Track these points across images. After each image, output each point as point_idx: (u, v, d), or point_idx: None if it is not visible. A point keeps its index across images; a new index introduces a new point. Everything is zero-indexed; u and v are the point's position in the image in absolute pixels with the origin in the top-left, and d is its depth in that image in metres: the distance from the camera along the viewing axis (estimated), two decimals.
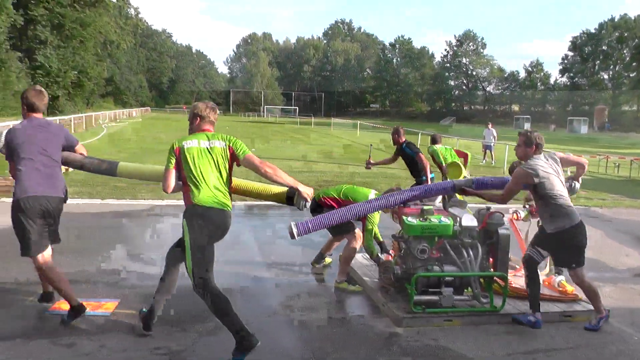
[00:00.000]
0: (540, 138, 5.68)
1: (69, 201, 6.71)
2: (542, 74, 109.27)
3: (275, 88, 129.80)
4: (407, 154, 10.02)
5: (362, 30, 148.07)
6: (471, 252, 5.86)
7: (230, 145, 5.04)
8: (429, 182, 9.45)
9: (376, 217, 6.71)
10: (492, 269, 6.02)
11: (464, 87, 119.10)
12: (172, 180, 4.93)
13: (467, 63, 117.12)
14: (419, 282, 5.73)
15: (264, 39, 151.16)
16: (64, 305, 5.62)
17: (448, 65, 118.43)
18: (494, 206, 6.21)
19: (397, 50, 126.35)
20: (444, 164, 10.60)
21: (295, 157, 24.31)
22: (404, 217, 5.90)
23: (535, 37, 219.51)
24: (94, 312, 5.67)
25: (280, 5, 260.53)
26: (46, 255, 5.35)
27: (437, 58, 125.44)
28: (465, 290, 5.97)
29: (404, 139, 10.11)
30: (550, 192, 5.50)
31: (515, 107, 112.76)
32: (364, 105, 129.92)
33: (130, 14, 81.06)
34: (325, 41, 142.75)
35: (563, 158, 5.91)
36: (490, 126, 26.77)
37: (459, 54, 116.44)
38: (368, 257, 7.11)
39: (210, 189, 4.81)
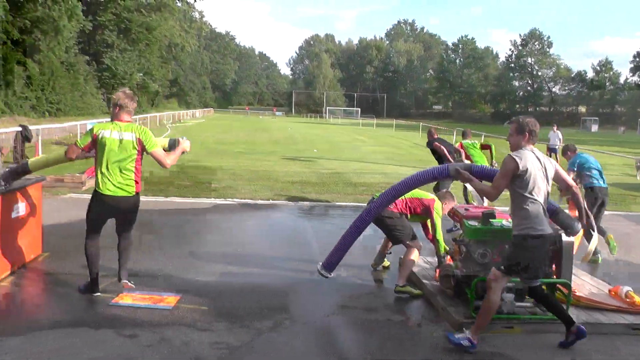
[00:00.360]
0: (534, 124, 5.10)
1: None
2: (611, 73, 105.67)
3: (337, 89, 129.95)
4: (430, 148, 11.09)
5: (425, 31, 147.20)
6: None
7: (140, 137, 5.68)
8: None
9: (440, 209, 6.71)
10: (554, 276, 5.88)
11: (529, 88, 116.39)
12: (73, 152, 5.91)
13: (532, 63, 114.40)
14: (479, 286, 5.63)
15: (326, 40, 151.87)
16: (126, 298, 5.93)
17: (512, 65, 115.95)
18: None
19: (460, 51, 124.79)
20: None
21: (359, 158, 24.26)
22: (465, 220, 5.83)
23: (606, 34, 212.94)
24: (155, 306, 5.85)
25: (344, 6, 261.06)
26: None
27: (502, 58, 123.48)
28: (527, 296, 5.83)
29: (436, 136, 10.91)
30: (525, 192, 4.92)
31: (582, 109, 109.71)
32: (426, 106, 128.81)
33: (195, 18, 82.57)
34: (387, 42, 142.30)
35: (556, 170, 5.34)
36: (555, 128, 26.06)
37: (524, 53, 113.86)
38: (427, 260, 7.06)
39: (113, 180, 5.70)
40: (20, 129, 8.17)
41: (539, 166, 4.99)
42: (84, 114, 44.91)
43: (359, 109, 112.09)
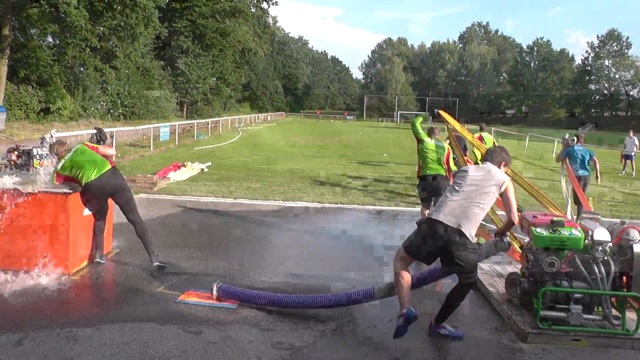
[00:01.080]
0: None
1: (203, 199, 7.00)
2: None
3: (409, 93, 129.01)
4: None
5: (499, 33, 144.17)
6: (603, 269, 5.55)
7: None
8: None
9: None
10: (625, 289, 5.67)
11: (606, 91, 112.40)
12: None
13: (609, 65, 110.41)
14: (546, 296, 5.53)
15: (399, 44, 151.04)
16: (192, 297, 6.11)
17: (589, 68, 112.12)
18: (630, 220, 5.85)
19: (535, 54, 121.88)
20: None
21: None
22: (533, 228, 5.70)
23: None
24: (221, 305, 5.98)
25: (417, 10, 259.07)
26: None
27: (577, 61, 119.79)
28: (596, 309, 5.67)
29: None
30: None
31: None
32: (499, 110, 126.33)
33: (268, 23, 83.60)
34: (460, 45, 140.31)
35: (504, 194, 5.42)
36: (632, 134, 25.08)
37: (601, 55, 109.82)
38: (494, 268, 6.92)
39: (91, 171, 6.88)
40: (94, 131, 8.45)
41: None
42: (158, 118, 46.22)
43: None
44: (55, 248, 6.70)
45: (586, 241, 5.58)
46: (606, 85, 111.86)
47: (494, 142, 13.75)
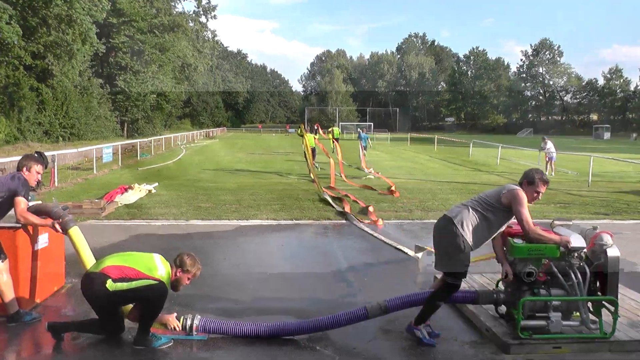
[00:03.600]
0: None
1: (154, 223, 6.62)
2: (621, 80, 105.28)
3: (349, 104, 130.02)
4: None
5: (436, 43, 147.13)
6: (579, 275, 5.54)
7: None
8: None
9: None
10: (600, 293, 5.66)
11: (541, 97, 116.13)
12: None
13: (543, 73, 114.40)
14: (525, 306, 5.49)
15: (338, 56, 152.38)
16: (158, 331, 5.71)
17: (524, 75, 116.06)
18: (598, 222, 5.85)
19: (471, 62, 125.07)
20: None
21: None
22: (510, 239, 5.65)
23: (614, 42, 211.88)
24: (190, 337, 5.68)
25: (354, 22, 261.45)
26: None
27: (513, 69, 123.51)
28: (574, 314, 5.67)
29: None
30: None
31: (594, 117, 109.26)
32: (439, 119, 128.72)
33: (208, 37, 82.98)
34: (399, 56, 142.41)
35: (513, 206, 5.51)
36: (547, 139, 26.04)
37: (535, 63, 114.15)
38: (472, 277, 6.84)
39: None
40: (35, 155, 8.00)
41: None
42: (99, 138, 45.10)
43: (372, 123, 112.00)
44: None
45: (562, 249, 5.54)
46: (541, 91, 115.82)
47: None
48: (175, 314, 5.71)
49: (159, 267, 5.57)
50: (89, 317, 5.86)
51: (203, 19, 74.89)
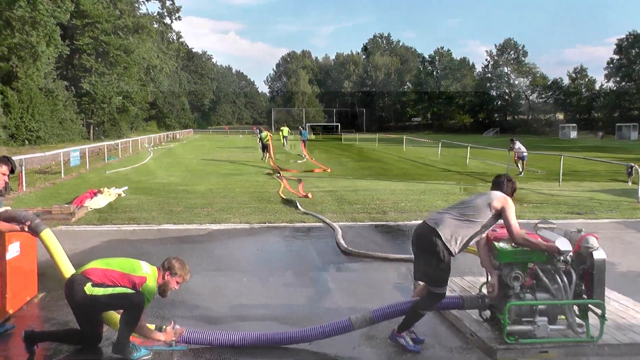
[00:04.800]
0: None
1: (126, 227, 6.36)
2: (586, 79, 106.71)
3: (316, 105, 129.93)
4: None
5: (401, 44, 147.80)
6: (565, 278, 5.48)
7: None
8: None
9: None
10: (586, 296, 5.62)
11: (507, 97, 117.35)
12: None
13: (508, 72, 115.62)
14: (512, 311, 5.42)
15: (303, 56, 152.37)
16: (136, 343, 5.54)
17: (489, 75, 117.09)
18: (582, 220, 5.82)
19: (437, 63, 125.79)
20: None
21: (347, 175, 23.97)
22: (496, 243, 5.58)
23: (577, 42, 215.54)
24: (171, 348, 5.53)
25: (318, 22, 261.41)
26: None
27: (478, 68, 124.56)
28: (560, 317, 5.62)
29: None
30: None
31: (560, 116, 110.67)
32: (405, 119, 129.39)
33: (172, 39, 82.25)
34: (364, 56, 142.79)
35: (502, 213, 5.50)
36: (515, 140, 26.13)
37: (500, 63, 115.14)
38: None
39: None
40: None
41: None
42: (65, 141, 44.35)
43: (339, 124, 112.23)
44: None
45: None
46: (507, 91, 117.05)
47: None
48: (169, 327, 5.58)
49: (143, 267, 5.50)
50: (67, 326, 5.67)
51: (167, 20, 74.28)
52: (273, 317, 6.43)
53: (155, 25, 70.15)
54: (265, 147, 32.07)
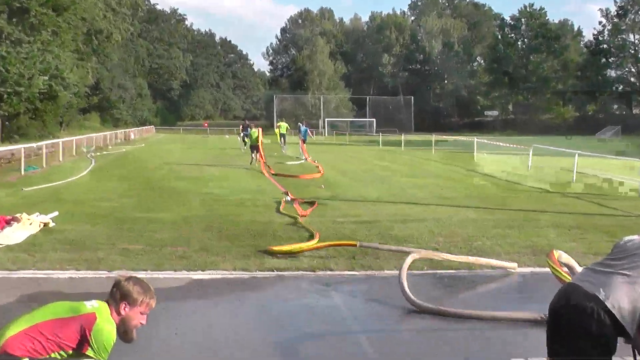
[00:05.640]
0: None
1: (57, 275, 6.18)
2: None
3: (340, 91, 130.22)
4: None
5: (467, 0, 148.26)
6: None
7: None
8: None
9: None
10: None
11: (633, 79, 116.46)
12: None
13: (635, 42, 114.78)
14: None
15: (321, 17, 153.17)
16: None
17: (605, 46, 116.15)
18: None
19: (522, 28, 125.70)
20: None
21: (390, 197, 23.78)
22: None
23: None
24: None
25: None
26: None
27: (588, 37, 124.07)
28: None
29: None
30: None
31: None
32: (474, 112, 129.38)
33: None
34: (413, 18, 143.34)
35: None
36: None
37: (623, 27, 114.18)
38: None
39: None
40: None
41: None
42: None
43: (374, 119, 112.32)
44: None
45: None
46: (633, 70, 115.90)
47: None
48: None
49: (87, 303, 5.41)
50: None
51: None
52: None
53: None
54: (254, 148, 37.04)
